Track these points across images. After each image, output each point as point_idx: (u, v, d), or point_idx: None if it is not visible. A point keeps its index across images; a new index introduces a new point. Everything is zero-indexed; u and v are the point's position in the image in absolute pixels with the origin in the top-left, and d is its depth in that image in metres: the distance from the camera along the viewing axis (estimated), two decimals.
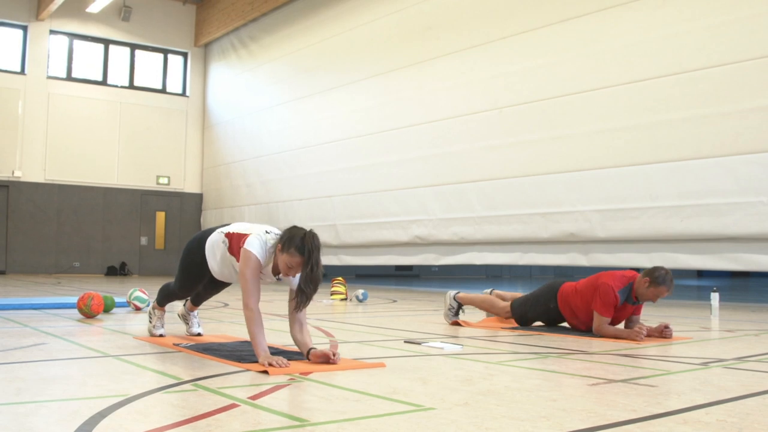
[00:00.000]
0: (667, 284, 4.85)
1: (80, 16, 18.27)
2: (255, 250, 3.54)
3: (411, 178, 12.61)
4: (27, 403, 2.53)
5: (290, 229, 3.54)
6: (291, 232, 3.50)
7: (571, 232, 9.91)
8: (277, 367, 3.24)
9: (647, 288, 4.88)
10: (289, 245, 3.43)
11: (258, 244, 3.56)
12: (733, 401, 2.72)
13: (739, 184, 8.27)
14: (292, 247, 3.42)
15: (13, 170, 17.48)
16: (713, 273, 24.46)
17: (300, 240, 3.42)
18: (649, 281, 4.87)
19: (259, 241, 3.57)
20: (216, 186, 19.33)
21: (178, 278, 4.28)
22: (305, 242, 3.41)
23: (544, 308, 5.41)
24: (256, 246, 3.55)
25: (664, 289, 4.86)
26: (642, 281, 4.90)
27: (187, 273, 4.20)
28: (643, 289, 4.91)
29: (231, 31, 18.64)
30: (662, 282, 4.84)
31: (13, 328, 5.06)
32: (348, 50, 14.57)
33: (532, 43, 10.72)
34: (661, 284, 4.84)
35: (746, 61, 8.30)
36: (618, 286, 4.94)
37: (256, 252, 3.53)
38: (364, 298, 8.92)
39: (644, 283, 4.89)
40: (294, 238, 3.43)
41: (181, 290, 4.37)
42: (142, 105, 19.21)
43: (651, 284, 4.86)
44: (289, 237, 3.46)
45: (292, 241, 3.43)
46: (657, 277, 4.85)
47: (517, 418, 2.37)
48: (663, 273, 4.86)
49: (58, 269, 17.90)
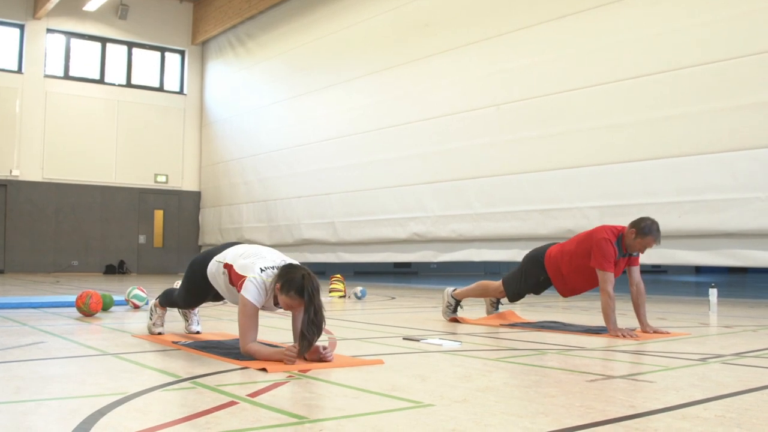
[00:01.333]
0: (653, 234, 4.84)
1: (77, 15, 18.24)
2: (252, 297, 3.50)
3: (409, 176, 12.61)
4: (26, 402, 2.53)
5: (288, 269, 3.49)
6: (289, 273, 3.45)
7: (569, 228, 9.91)
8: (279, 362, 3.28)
9: (634, 239, 4.88)
10: (288, 288, 3.40)
11: (254, 290, 3.51)
12: (732, 397, 2.72)
13: (737, 180, 8.28)
14: (291, 290, 3.39)
15: (11, 169, 17.46)
16: (711, 269, 24.47)
17: (299, 283, 3.38)
18: (635, 232, 4.87)
19: (255, 285, 3.51)
20: (214, 184, 19.31)
21: (183, 295, 4.33)
22: (305, 286, 3.37)
23: (535, 281, 5.42)
24: (252, 293, 3.51)
25: (651, 239, 4.85)
26: (629, 232, 4.91)
27: (191, 293, 4.27)
28: (631, 240, 4.90)
29: (228, 29, 18.61)
30: (648, 232, 4.84)
31: (12, 326, 5.05)
32: (345, 48, 14.56)
33: (529, 40, 10.71)
34: (648, 234, 4.84)
35: (744, 57, 8.30)
36: (612, 238, 4.94)
37: (253, 300, 3.50)
38: (362, 296, 8.93)
39: (631, 235, 4.89)
40: (293, 281, 3.39)
41: (185, 305, 4.46)
42: (140, 103, 19.19)
43: (638, 235, 4.86)
44: (287, 279, 3.42)
45: (291, 284, 3.40)
46: (643, 228, 4.84)
47: (515, 415, 2.37)
48: (649, 223, 4.86)
49: (57, 268, 17.89)
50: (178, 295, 4.38)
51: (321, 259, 14.97)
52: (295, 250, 15.11)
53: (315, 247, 15.11)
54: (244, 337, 3.52)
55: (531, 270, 5.45)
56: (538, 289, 5.48)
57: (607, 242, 4.91)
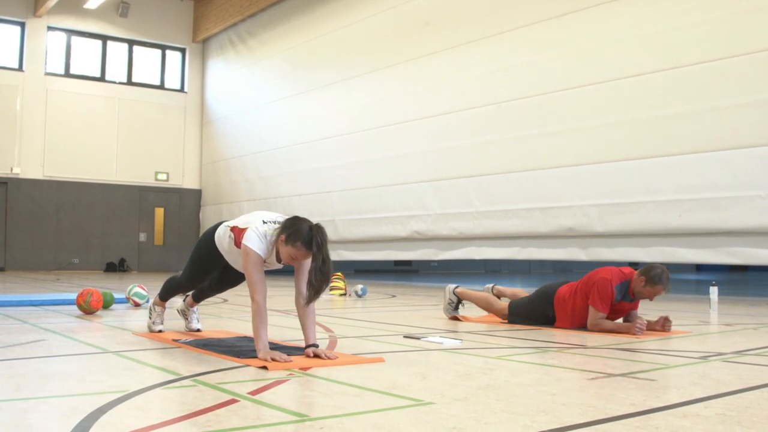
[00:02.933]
0: (663, 283, 4.80)
1: (78, 13, 18.24)
2: (254, 245, 3.52)
3: (409, 174, 12.60)
4: (27, 400, 2.53)
5: (293, 220, 3.51)
6: (295, 224, 3.47)
7: (570, 226, 9.92)
8: (277, 361, 3.24)
9: (644, 287, 4.85)
10: (294, 238, 3.41)
11: (256, 238, 3.53)
12: (732, 395, 2.72)
13: (738, 179, 8.27)
14: (298, 240, 3.40)
15: (12, 167, 17.46)
16: (712, 267, 24.47)
17: (307, 233, 3.39)
18: (645, 280, 4.82)
19: (256, 234, 3.54)
20: (215, 182, 19.32)
21: (188, 269, 4.27)
22: (313, 236, 3.38)
23: (542, 315, 5.32)
24: (254, 241, 3.53)
25: (660, 288, 4.81)
26: (638, 280, 4.86)
27: (197, 264, 4.20)
28: (640, 287, 4.87)
29: (229, 27, 18.61)
30: (658, 281, 4.80)
31: (13, 324, 5.06)
32: (346, 46, 14.56)
33: (529, 38, 10.71)
34: (658, 283, 4.80)
35: (744, 55, 8.29)
36: (615, 281, 4.89)
37: (255, 247, 3.51)
38: (363, 294, 8.93)
39: (640, 282, 4.85)
40: (300, 232, 3.41)
41: (189, 281, 4.35)
42: (141, 101, 19.19)
43: (647, 283, 4.82)
44: (294, 230, 3.43)
45: (297, 235, 3.40)
46: (653, 276, 4.80)
47: (516, 413, 2.37)
48: (659, 272, 4.80)
49: (57, 266, 17.90)
50: (183, 272, 4.34)
51: None
52: None
53: None
54: (254, 289, 3.48)
55: (539, 303, 5.35)
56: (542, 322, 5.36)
57: (607, 282, 4.87)
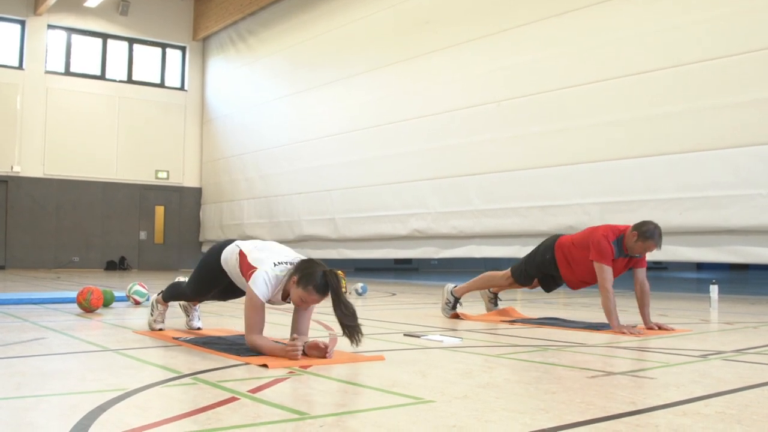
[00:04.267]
0: (655, 239, 4.86)
1: (78, 11, 18.23)
2: (259, 290, 3.48)
3: (409, 172, 12.60)
4: (27, 398, 2.53)
5: (308, 264, 3.49)
6: (309, 267, 3.44)
7: (570, 225, 9.91)
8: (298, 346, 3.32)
9: (635, 242, 4.90)
10: (306, 282, 3.39)
11: (263, 283, 3.49)
12: (732, 393, 2.72)
13: (739, 177, 8.27)
14: (310, 284, 3.38)
15: (12, 165, 17.46)
16: (712, 265, 24.47)
17: (320, 278, 3.37)
18: (637, 235, 4.89)
19: (264, 279, 3.50)
20: (215, 180, 19.32)
21: (193, 282, 4.28)
22: (329, 282, 3.37)
23: (541, 259, 5.44)
24: (260, 286, 3.49)
25: (651, 243, 4.87)
26: (631, 234, 4.93)
27: (202, 278, 4.20)
28: (632, 242, 4.93)
29: (229, 25, 18.60)
30: (650, 236, 4.85)
31: (13, 322, 5.06)
32: (346, 44, 14.55)
33: (529, 37, 10.70)
34: (649, 238, 4.86)
35: (745, 53, 8.29)
36: (611, 237, 4.98)
37: (260, 293, 3.48)
38: (363, 292, 8.93)
39: (633, 237, 4.91)
40: (313, 276, 3.38)
41: (192, 293, 4.38)
42: (141, 99, 19.19)
43: (639, 238, 4.88)
44: (307, 274, 3.40)
45: (310, 279, 3.38)
46: (645, 231, 4.86)
47: (516, 411, 2.37)
48: (651, 227, 4.87)
49: (58, 264, 17.90)
50: (189, 282, 4.34)
51: (322, 256, 14.95)
52: (296, 247, 15.09)
53: (316, 243, 15.11)
54: (249, 330, 3.51)
55: (540, 249, 5.52)
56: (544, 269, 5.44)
57: (604, 239, 4.97)
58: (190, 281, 4.33)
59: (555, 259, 5.35)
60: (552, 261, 5.37)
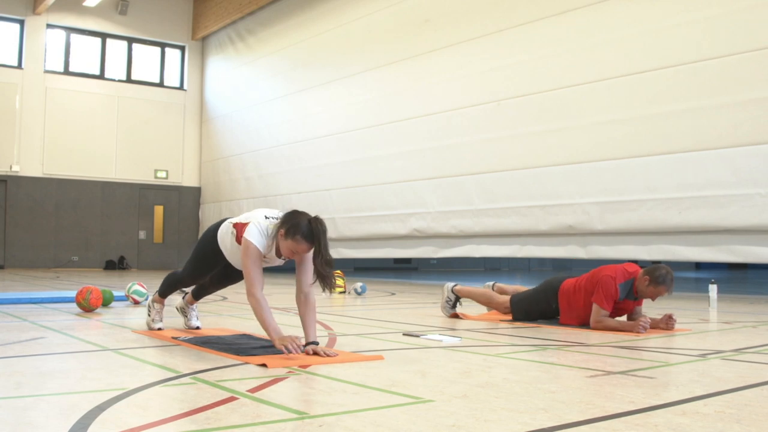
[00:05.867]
0: (667, 284, 4.81)
1: (77, 10, 18.22)
2: (254, 239, 3.56)
3: (409, 171, 12.60)
4: (26, 397, 2.53)
5: (292, 214, 3.55)
6: (294, 217, 3.51)
7: (570, 224, 9.92)
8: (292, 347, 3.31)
9: (647, 286, 4.85)
10: (294, 232, 3.45)
11: (257, 233, 3.57)
12: (732, 392, 2.72)
13: (738, 176, 8.27)
14: (297, 234, 3.43)
15: (11, 165, 17.46)
16: (711, 265, 24.49)
17: (306, 226, 3.43)
18: (649, 280, 4.82)
19: (258, 229, 3.58)
20: (214, 180, 19.31)
21: (190, 265, 4.28)
22: (312, 228, 3.42)
23: (546, 307, 5.33)
24: (255, 235, 3.57)
25: (663, 288, 4.82)
26: (642, 279, 4.86)
27: (199, 260, 4.21)
28: (643, 287, 4.87)
29: (228, 25, 18.60)
30: (662, 282, 4.80)
31: (12, 322, 5.06)
32: (346, 43, 14.55)
33: (529, 36, 10.70)
34: (661, 284, 4.80)
35: (745, 52, 8.29)
36: (619, 279, 4.89)
37: (256, 241, 3.55)
38: (362, 291, 8.93)
39: (644, 281, 4.85)
40: (299, 225, 3.44)
41: (190, 277, 4.35)
42: (140, 99, 19.18)
43: (651, 283, 4.82)
44: (293, 223, 3.47)
45: (297, 228, 3.44)
46: (657, 277, 4.80)
47: (515, 410, 2.37)
48: (663, 273, 4.80)
49: (57, 263, 17.90)
50: (185, 268, 4.34)
51: None
52: None
53: None
54: (251, 284, 3.51)
55: (543, 293, 5.37)
56: (545, 315, 5.38)
57: (611, 280, 4.87)
58: (186, 266, 4.33)
59: (560, 308, 5.25)
60: (557, 309, 5.27)
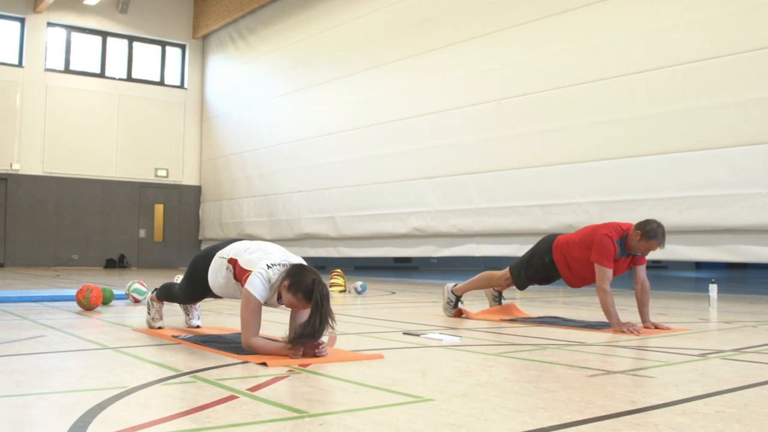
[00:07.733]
0: (658, 238, 4.84)
1: (78, 8, 18.22)
2: (256, 291, 3.47)
3: (409, 170, 12.60)
4: (26, 396, 2.53)
5: (298, 269, 3.45)
6: (299, 274, 3.40)
7: (570, 223, 9.91)
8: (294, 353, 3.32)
9: (638, 241, 4.88)
10: (296, 289, 3.37)
11: (259, 283, 3.48)
12: (732, 392, 2.73)
13: (738, 176, 8.27)
14: (299, 292, 3.36)
15: (11, 163, 17.46)
16: (711, 264, 24.48)
17: (309, 287, 3.34)
18: (640, 234, 4.86)
19: (260, 279, 3.49)
20: (214, 178, 19.31)
21: (183, 289, 4.29)
22: (314, 291, 3.32)
23: (540, 263, 5.41)
24: (258, 288, 3.47)
25: (655, 242, 4.85)
26: (634, 233, 4.90)
27: (192, 288, 4.21)
28: (635, 241, 4.90)
29: (229, 23, 18.59)
30: (654, 236, 4.83)
31: (12, 320, 5.06)
32: (346, 42, 14.55)
33: (529, 35, 10.70)
34: (653, 238, 4.84)
35: (745, 52, 8.29)
36: (615, 236, 4.94)
37: (257, 294, 3.47)
38: (362, 290, 8.93)
39: (636, 236, 4.88)
40: (303, 284, 3.35)
41: (184, 299, 4.42)
42: (140, 97, 19.18)
43: (642, 237, 4.86)
44: (297, 280, 3.37)
45: (299, 286, 3.36)
46: (648, 231, 4.84)
47: (515, 410, 2.37)
48: (655, 226, 4.85)
49: (57, 262, 17.90)
50: (179, 290, 4.36)
51: (321, 254, 14.98)
52: (296, 245, 15.12)
53: (315, 241, 15.11)
54: (246, 331, 3.50)
55: (537, 252, 5.48)
56: (543, 272, 5.44)
57: (607, 238, 4.92)
58: (180, 289, 4.35)
59: (554, 261, 5.34)
60: (551, 264, 5.36)
